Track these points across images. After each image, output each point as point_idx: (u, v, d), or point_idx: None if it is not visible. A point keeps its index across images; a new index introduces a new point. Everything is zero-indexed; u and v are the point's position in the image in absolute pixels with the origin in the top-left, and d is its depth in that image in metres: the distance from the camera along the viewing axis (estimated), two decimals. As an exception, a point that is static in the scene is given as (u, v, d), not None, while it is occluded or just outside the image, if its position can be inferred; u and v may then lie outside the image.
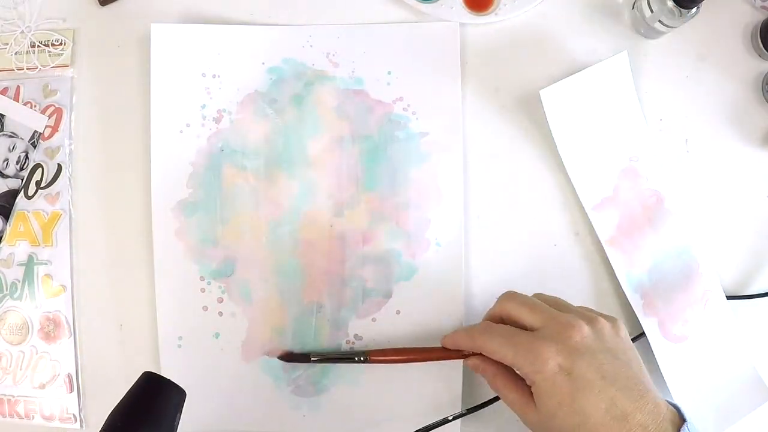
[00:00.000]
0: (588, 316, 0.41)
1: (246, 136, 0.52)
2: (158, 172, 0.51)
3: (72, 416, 0.51)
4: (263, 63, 0.52)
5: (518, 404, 0.41)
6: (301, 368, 0.51)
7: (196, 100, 0.52)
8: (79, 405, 0.51)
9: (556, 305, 0.43)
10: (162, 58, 0.52)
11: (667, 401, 0.38)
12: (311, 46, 0.52)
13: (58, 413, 0.51)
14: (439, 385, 0.50)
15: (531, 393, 0.40)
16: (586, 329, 0.39)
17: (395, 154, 0.52)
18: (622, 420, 0.36)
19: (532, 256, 0.53)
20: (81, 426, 0.51)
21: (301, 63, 0.52)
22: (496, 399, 0.46)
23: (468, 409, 0.48)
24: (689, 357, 0.51)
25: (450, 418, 0.47)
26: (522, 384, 0.41)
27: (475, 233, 0.52)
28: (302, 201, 0.51)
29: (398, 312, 0.51)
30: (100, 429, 0.36)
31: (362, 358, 0.48)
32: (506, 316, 0.43)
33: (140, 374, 0.39)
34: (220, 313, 0.51)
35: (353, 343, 0.51)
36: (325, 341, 0.51)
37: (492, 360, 0.42)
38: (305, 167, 0.52)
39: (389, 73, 0.52)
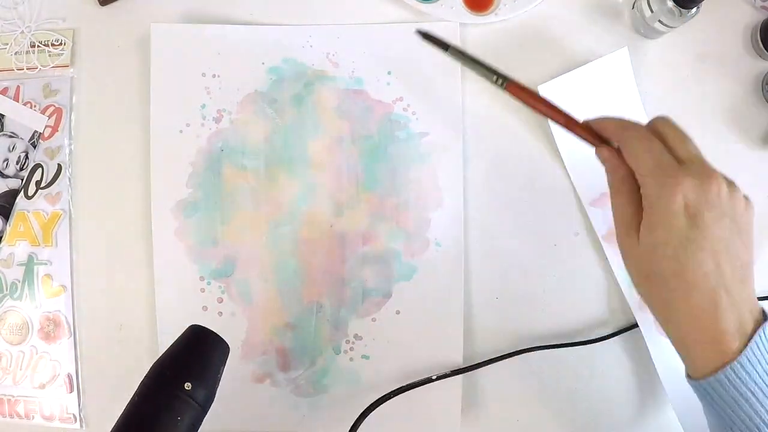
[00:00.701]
0: (728, 179, 0.38)
1: (246, 136, 0.52)
2: (158, 171, 0.51)
3: (72, 416, 0.51)
4: (263, 63, 0.52)
5: (624, 219, 0.38)
6: (301, 368, 0.51)
7: (196, 99, 0.52)
8: (79, 405, 0.51)
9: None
10: (162, 58, 0.52)
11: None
12: (311, 46, 0.52)
13: (58, 413, 0.51)
14: (440, 396, 0.50)
15: (642, 217, 0.37)
16: (725, 188, 0.36)
17: (395, 154, 0.52)
18: (719, 290, 0.34)
19: (532, 256, 0.53)
20: (81, 426, 0.51)
21: (301, 63, 0.52)
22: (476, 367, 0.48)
23: (453, 371, 0.49)
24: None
25: (433, 377, 0.48)
26: (640, 203, 0.38)
27: (475, 233, 0.52)
28: (302, 201, 0.51)
29: (398, 312, 0.51)
30: (144, 375, 0.37)
31: (501, 82, 0.42)
32: (657, 134, 0.39)
33: (186, 327, 0.40)
34: (220, 313, 0.51)
35: (353, 342, 0.51)
36: (324, 341, 0.51)
37: (625, 163, 0.39)
38: (305, 167, 0.52)
39: (389, 73, 0.52)
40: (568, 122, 0.42)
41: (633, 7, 0.54)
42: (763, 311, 0.36)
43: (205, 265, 0.51)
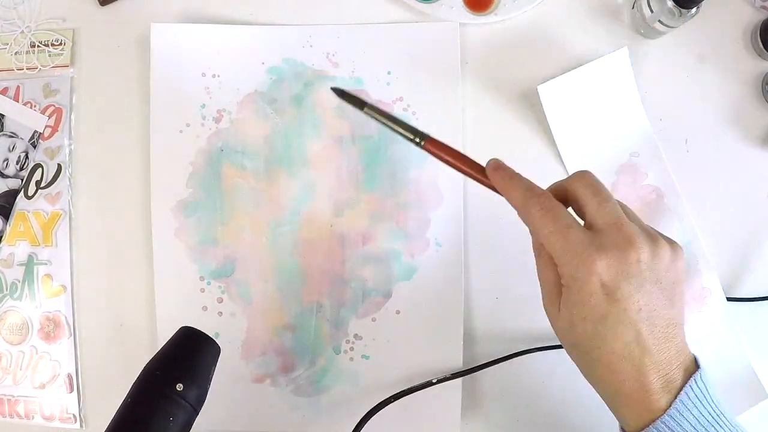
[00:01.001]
0: (651, 235, 0.36)
1: (246, 136, 0.52)
2: (158, 171, 0.51)
3: (72, 416, 0.51)
4: (263, 63, 0.52)
5: (546, 286, 0.38)
6: (301, 368, 0.51)
7: (196, 99, 0.52)
8: (79, 405, 0.51)
9: (623, 209, 0.37)
10: (162, 57, 0.52)
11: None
12: (311, 46, 0.52)
13: (58, 413, 0.51)
14: (440, 398, 0.50)
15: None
16: (646, 252, 0.35)
17: (395, 155, 0.52)
18: (641, 357, 0.34)
19: (532, 256, 0.52)
20: (81, 426, 0.51)
21: (301, 63, 0.52)
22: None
23: (453, 374, 0.49)
24: None
25: (434, 381, 0.48)
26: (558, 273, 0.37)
27: (475, 233, 0.52)
28: (302, 201, 0.51)
29: (398, 312, 0.51)
30: (136, 378, 0.37)
31: (418, 140, 0.41)
32: (572, 196, 0.38)
33: (178, 329, 0.40)
34: (220, 313, 0.51)
35: (353, 342, 0.51)
36: (325, 341, 0.51)
37: None
38: (305, 167, 0.52)
39: (389, 73, 0.53)
40: (479, 176, 0.40)
41: (633, 7, 0.54)
42: (696, 360, 0.36)
43: (205, 265, 0.51)
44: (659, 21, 0.50)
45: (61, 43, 0.53)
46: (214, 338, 0.39)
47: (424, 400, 0.49)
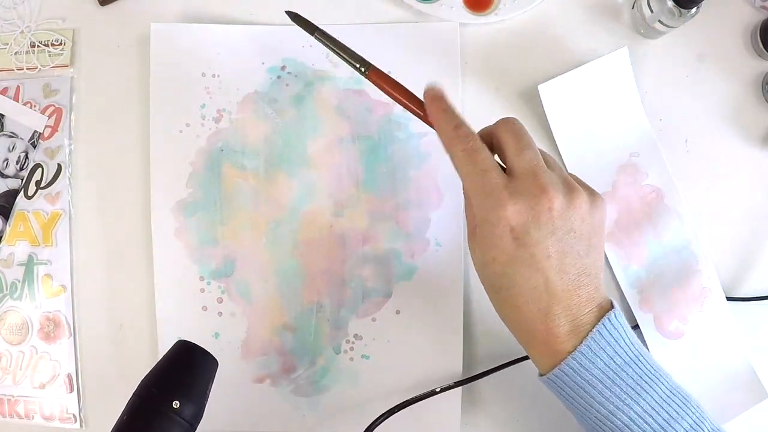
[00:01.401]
0: (569, 185, 0.37)
1: (246, 136, 0.52)
2: (158, 172, 0.51)
3: (72, 416, 0.51)
4: (263, 63, 0.52)
5: (469, 226, 0.39)
6: (301, 368, 0.51)
7: (196, 99, 0.52)
8: (79, 405, 0.51)
9: (545, 160, 0.38)
10: (162, 58, 0.52)
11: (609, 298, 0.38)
12: (311, 46, 0.52)
13: (58, 413, 0.51)
14: (439, 403, 0.50)
15: None
16: (558, 201, 0.35)
17: (395, 155, 0.52)
18: (548, 300, 0.35)
19: None
20: (81, 426, 0.51)
21: (301, 63, 0.52)
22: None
23: (456, 382, 0.49)
24: (684, 353, 0.51)
25: (437, 389, 0.48)
26: None
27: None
28: (302, 201, 0.51)
29: (398, 312, 0.51)
30: (132, 393, 0.37)
31: (363, 69, 0.42)
32: (496, 141, 0.39)
33: (174, 343, 0.40)
34: (220, 313, 0.51)
35: (353, 342, 0.51)
36: (325, 340, 0.51)
37: None
38: (305, 167, 0.52)
39: (389, 73, 0.52)
40: (415, 106, 0.41)
41: (633, 7, 0.54)
42: (612, 305, 0.37)
43: (205, 265, 0.51)
44: (659, 21, 0.51)
45: (61, 43, 0.53)
46: (213, 345, 0.39)
47: (424, 404, 0.49)
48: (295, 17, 0.44)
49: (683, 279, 0.52)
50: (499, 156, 0.39)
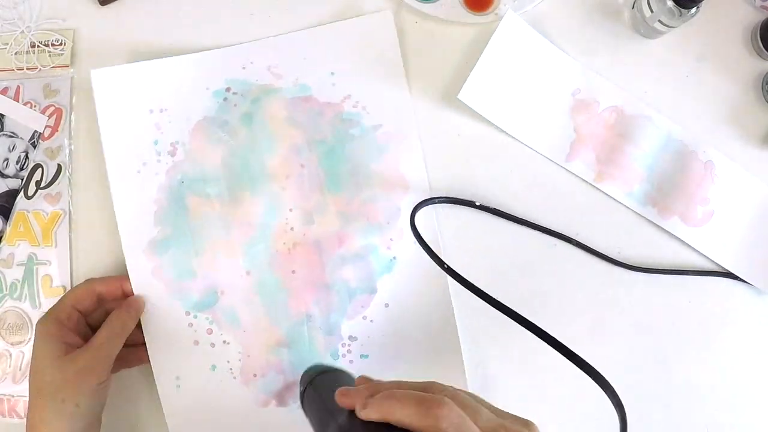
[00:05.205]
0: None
1: (203, 163, 0.51)
2: (123, 215, 0.50)
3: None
4: (207, 88, 0.52)
5: None
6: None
7: (148, 137, 0.51)
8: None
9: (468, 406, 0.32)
10: (106, 102, 0.51)
11: None
12: (251, 62, 0.52)
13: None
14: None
15: None
16: None
17: (353, 152, 0.52)
18: None
19: (494, 227, 0.53)
20: None
21: (244, 81, 0.52)
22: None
23: None
24: (722, 228, 0.53)
25: None
26: None
27: (445, 214, 0.52)
28: (270, 216, 0.51)
29: (387, 305, 0.51)
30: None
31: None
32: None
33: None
34: (212, 345, 0.50)
35: (349, 345, 0.50)
36: (321, 349, 0.50)
37: None
38: (267, 182, 0.51)
39: (332, 73, 0.52)
40: None
41: (633, 7, 0.54)
42: None
43: (187, 299, 0.50)
44: (659, 21, 0.51)
45: (61, 43, 0.53)
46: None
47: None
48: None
49: (683, 167, 0.53)
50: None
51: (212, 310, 0.50)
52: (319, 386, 0.39)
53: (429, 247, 0.44)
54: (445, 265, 0.42)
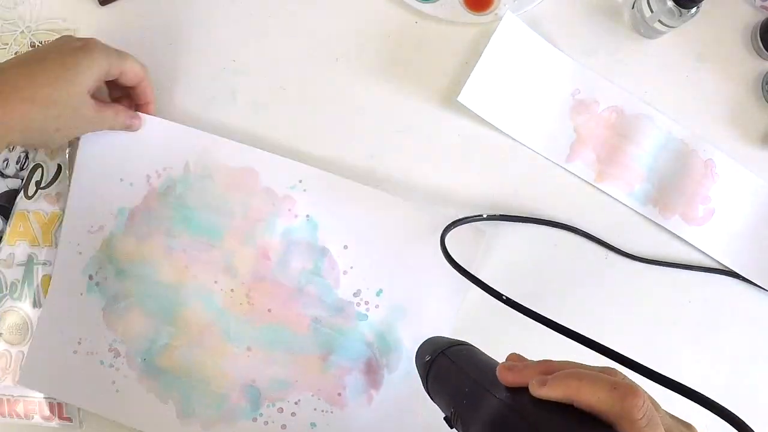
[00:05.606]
0: None
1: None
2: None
3: (71, 416, 0.51)
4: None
5: None
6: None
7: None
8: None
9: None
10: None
11: None
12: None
13: (57, 413, 0.51)
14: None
15: None
16: None
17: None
18: None
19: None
20: (80, 426, 0.52)
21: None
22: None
23: None
24: (724, 226, 0.52)
25: None
26: None
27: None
28: (211, 305, 0.51)
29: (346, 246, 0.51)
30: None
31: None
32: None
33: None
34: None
35: (359, 299, 0.51)
36: (349, 327, 0.51)
37: None
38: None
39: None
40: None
41: (633, 7, 0.54)
42: None
43: None
44: (659, 21, 0.51)
45: (61, 44, 0.53)
46: None
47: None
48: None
49: (684, 166, 0.52)
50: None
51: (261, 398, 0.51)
52: (458, 357, 0.36)
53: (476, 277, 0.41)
54: (504, 297, 0.37)
